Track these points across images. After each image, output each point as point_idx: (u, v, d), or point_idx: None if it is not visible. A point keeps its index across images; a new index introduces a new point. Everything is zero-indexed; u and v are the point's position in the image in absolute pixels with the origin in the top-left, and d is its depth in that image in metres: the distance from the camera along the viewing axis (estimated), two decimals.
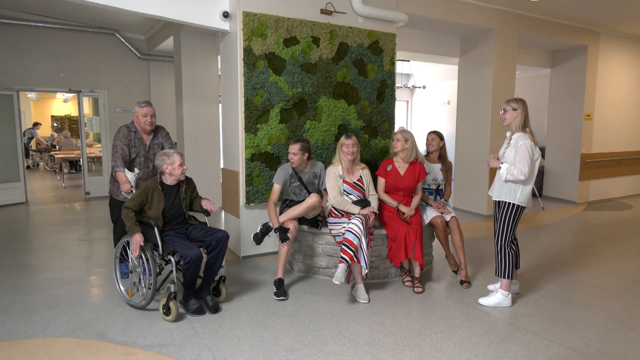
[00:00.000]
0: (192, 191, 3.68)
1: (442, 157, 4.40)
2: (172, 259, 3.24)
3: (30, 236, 5.64)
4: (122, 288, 3.64)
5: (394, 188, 4.03)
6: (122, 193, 3.72)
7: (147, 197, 3.39)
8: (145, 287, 3.38)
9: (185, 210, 3.59)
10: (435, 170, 4.35)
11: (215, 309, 3.39)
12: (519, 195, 3.42)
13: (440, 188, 4.37)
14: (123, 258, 3.75)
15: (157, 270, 3.33)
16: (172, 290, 3.22)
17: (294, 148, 3.91)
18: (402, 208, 3.95)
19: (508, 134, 3.61)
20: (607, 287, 3.99)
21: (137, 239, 3.21)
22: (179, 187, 3.54)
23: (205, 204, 3.60)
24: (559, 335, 3.07)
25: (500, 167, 3.44)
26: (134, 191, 3.55)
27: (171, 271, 3.28)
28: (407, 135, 4.04)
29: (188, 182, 3.65)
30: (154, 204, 3.40)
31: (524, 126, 3.43)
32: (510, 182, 3.43)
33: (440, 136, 4.38)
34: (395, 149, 4.03)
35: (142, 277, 3.41)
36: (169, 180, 3.46)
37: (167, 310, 3.23)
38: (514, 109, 3.43)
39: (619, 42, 8.34)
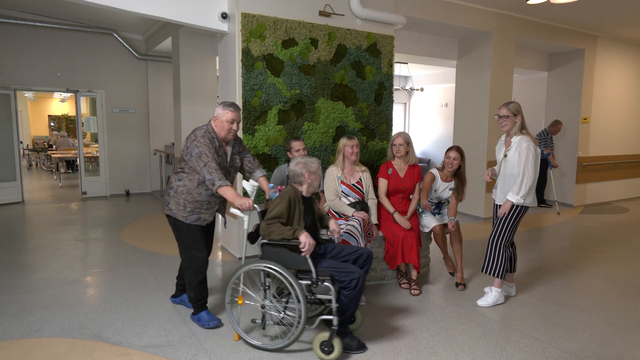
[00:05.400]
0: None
1: (458, 175, 4.05)
2: (330, 286, 2.69)
3: (27, 236, 5.62)
4: (239, 329, 2.95)
5: (395, 190, 4.03)
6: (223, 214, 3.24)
7: (290, 210, 2.85)
8: (273, 323, 2.91)
9: (319, 226, 3.12)
10: (441, 189, 4.07)
11: (362, 344, 2.87)
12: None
13: (441, 202, 4.22)
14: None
15: (308, 302, 2.74)
16: (335, 324, 2.68)
17: (300, 144, 3.88)
18: (397, 217, 3.90)
19: (503, 137, 3.63)
20: (604, 291, 4.00)
21: (309, 239, 2.67)
22: (312, 200, 3.09)
23: (333, 225, 3.11)
24: (555, 338, 3.08)
25: (510, 198, 3.40)
26: (257, 208, 2.95)
27: (315, 301, 2.77)
28: (408, 139, 4.06)
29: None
30: (295, 220, 2.87)
31: (522, 128, 3.47)
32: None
33: (462, 155, 3.99)
34: (399, 154, 4.03)
35: (272, 313, 2.88)
36: (306, 192, 2.98)
37: (329, 349, 2.67)
38: (515, 115, 3.45)
39: (616, 46, 8.38)
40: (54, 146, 13.28)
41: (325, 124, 4.92)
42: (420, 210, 4.16)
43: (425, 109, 12.52)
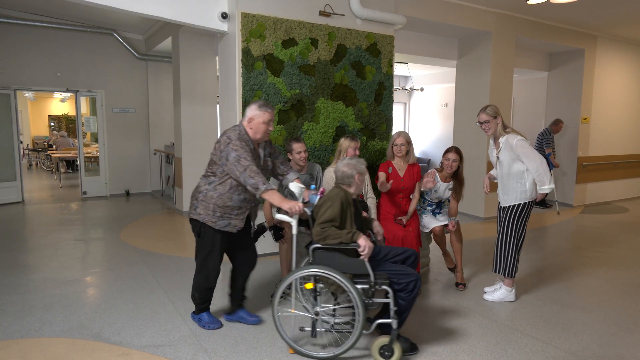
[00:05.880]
0: None
1: (456, 175, 4.03)
2: (389, 290, 2.64)
3: (27, 236, 5.62)
4: (286, 336, 2.82)
5: (395, 190, 4.02)
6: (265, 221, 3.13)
7: (342, 213, 2.76)
8: (325, 330, 2.81)
9: (364, 228, 3.06)
10: (441, 189, 4.04)
11: (415, 346, 2.84)
12: (527, 190, 3.49)
13: (442, 202, 4.21)
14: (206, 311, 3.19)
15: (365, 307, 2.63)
16: (395, 327, 2.63)
17: (301, 146, 3.85)
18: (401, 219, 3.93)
19: (492, 139, 3.66)
20: (604, 291, 4.00)
21: (368, 243, 2.62)
22: (357, 202, 3.04)
23: (377, 227, 3.12)
24: (555, 338, 3.08)
25: (542, 192, 3.44)
26: (307, 211, 2.82)
27: (367, 303, 2.66)
28: (409, 138, 4.07)
29: None
30: (347, 223, 2.79)
31: (505, 127, 3.52)
32: (518, 182, 3.49)
33: (461, 156, 3.99)
34: (400, 154, 4.02)
35: (324, 321, 2.77)
36: (354, 193, 2.92)
37: (389, 353, 2.63)
38: (495, 117, 3.49)
39: (616, 46, 8.38)
40: (54, 146, 13.28)
41: (325, 124, 4.92)
42: (420, 210, 4.17)
43: (425, 109, 12.52)
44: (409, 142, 4.05)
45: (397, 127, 11.90)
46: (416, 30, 6.55)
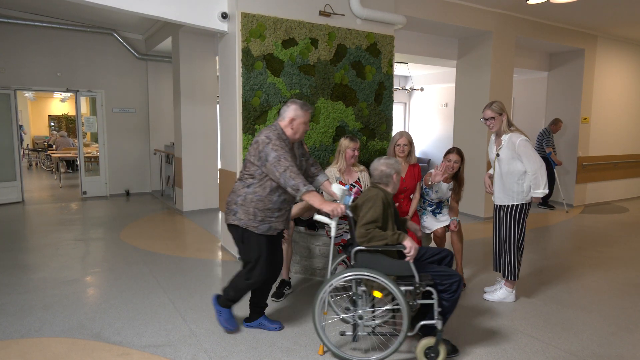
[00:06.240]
0: None
1: (457, 176, 4.02)
2: (433, 291, 2.62)
3: (27, 236, 5.62)
4: (326, 340, 2.73)
5: (397, 190, 4.01)
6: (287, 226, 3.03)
7: (384, 213, 2.71)
8: (367, 334, 2.74)
9: (402, 228, 3.04)
10: (443, 189, 4.02)
11: (456, 348, 2.83)
12: (524, 191, 3.48)
13: (442, 202, 4.20)
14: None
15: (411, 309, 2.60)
16: (439, 328, 2.59)
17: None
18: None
19: (493, 136, 3.65)
20: (603, 291, 4.00)
21: (414, 244, 2.61)
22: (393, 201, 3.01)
23: (413, 226, 3.15)
24: (555, 338, 3.08)
25: (536, 195, 3.44)
26: (349, 213, 2.72)
27: (411, 306, 2.60)
28: (410, 139, 4.07)
29: None
30: (389, 223, 2.76)
31: (510, 125, 3.49)
32: (515, 182, 3.48)
33: (463, 158, 3.98)
34: (403, 154, 4.02)
35: (361, 322, 2.70)
36: (391, 192, 2.91)
37: (435, 355, 2.61)
38: (500, 114, 3.47)
39: (616, 46, 8.38)
40: (54, 146, 13.28)
41: (325, 124, 4.92)
42: (420, 210, 4.17)
43: (425, 108, 12.52)
44: (410, 143, 4.05)
45: (397, 127, 11.91)
46: (416, 30, 6.55)
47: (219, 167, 5.32)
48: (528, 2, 4.99)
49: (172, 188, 8.06)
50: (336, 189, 2.81)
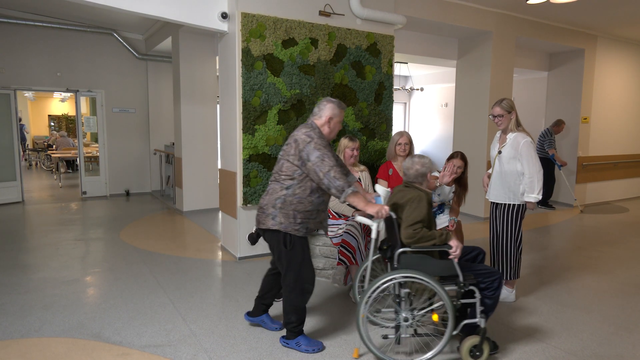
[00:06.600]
0: None
1: (461, 181, 3.98)
2: (475, 290, 2.62)
3: (27, 235, 5.62)
4: (371, 345, 2.65)
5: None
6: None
7: (427, 213, 2.70)
8: (410, 336, 2.69)
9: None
10: (445, 192, 4.00)
11: (496, 345, 2.82)
12: (521, 192, 3.47)
13: (444, 203, 4.17)
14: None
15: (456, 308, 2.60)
16: (483, 325, 2.61)
17: None
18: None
19: (498, 133, 3.63)
20: (603, 290, 4.00)
21: (459, 243, 2.61)
22: None
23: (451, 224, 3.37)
24: (555, 338, 3.08)
25: (529, 199, 3.42)
26: (393, 214, 2.69)
27: (454, 304, 2.59)
28: (411, 138, 4.07)
29: None
30: (433, 223, 2.75)
31: (518, 124, 3.48)
32: (514, 182, 3.47)
33: (466, 162, 3.90)
34: (404, 153, 4.02)
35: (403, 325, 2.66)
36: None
37: (480, 353, 2.63)
38: (509, 112, 3.45)
39: (616, 46, 8.38)
40: (54, 146, 13.28)
41: None
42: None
43: (425, 108, 12.52)
44: (411, 142, 4.06)
45: (397, 127, 11.91)
46: (416, 30, 6.55)
47: (219, 167, 5.32)
48: (528, 2, 4.99)
49: (172, 188, 8.06)
50: (380, 189, 2.73)
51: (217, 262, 4.69)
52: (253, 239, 3.87)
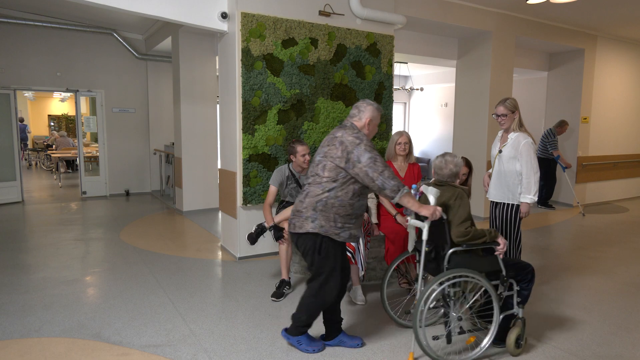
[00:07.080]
0: None
1: (464, 185, 3.87)
2: (513, 282, 2.75)
3: (26, 235, 5.62)
4: (429, 350, 2.64)
5: None
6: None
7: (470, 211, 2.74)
8: (453, 328, 2.69)
9: None
10: None
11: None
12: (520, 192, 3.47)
13: None
14: None
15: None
16: (521, 316, 2.76)
17: (305, 149, 3.88)
18: (399, 219, 3.90)
19: (500, 133, 3.63)
20: (603, 290, 4.00)
21: (505, 240, 2.73)
22: None
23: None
24: (554, 337, 3.08)
25: (524, 200, 3.42)
26: (444, 215, 2.69)
27: (497, 296, 2.68)
28: (410, 137, 4.07)
29: None
30: (473, 220, 2.80)
31: (521, 125, 3.48)
32: (513, 182, 3.47)
33: (471, 169, 3.77)
34: (404, 153, 4.02)
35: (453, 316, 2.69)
36: None
37: (522, 342, 2.79)
38: (513, 112, 3.45)
39: (616, 46, 8.38)
40: (53, 146, 13.28)
41: (325, 124, 4.92)
42: None
43: (425, 108, 12.52)
44: (410, 141, 4.06)
45: (397, 127, 11.91)
46: (416, 30, 6.55)
47: (219, 167, 5.32)
48: (528, 2, 5.00)
49: (172, 188, 8.06)
50: (430, 190, 2.72)
51: (217, 262, 4.69)
52: (252, 238, 3.88)
